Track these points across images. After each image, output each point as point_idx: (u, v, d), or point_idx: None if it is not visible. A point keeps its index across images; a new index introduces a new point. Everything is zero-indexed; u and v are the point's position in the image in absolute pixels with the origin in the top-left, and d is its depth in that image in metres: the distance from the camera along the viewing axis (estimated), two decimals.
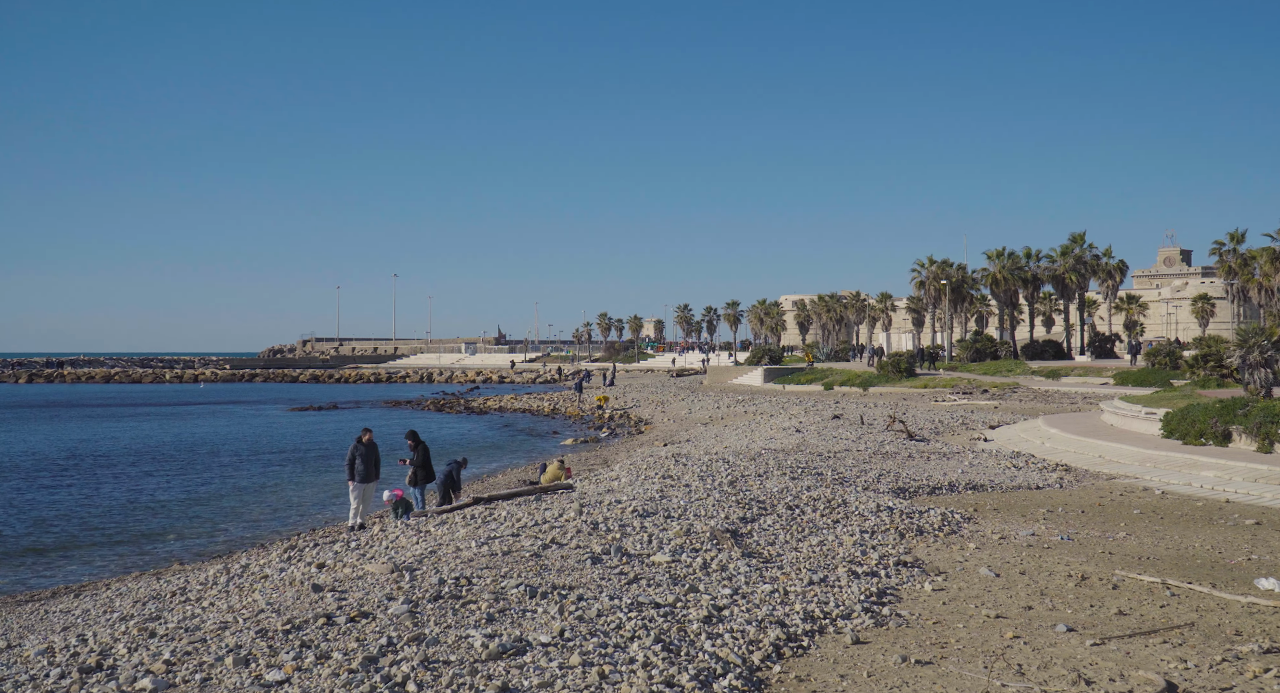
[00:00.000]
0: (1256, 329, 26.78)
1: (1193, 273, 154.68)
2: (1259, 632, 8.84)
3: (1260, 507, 16.35)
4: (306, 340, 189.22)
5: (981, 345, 77.65)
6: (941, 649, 8.43)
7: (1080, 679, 7.58)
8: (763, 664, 7.99)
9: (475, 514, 16.15)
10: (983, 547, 13.07)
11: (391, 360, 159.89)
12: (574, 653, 7.82)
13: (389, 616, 8.89)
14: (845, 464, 22.25)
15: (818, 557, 12.13)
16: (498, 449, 39.59)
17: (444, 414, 61.32)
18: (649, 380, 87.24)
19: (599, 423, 50.63)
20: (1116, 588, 10.62)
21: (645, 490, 17.65)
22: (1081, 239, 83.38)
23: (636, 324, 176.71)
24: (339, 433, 46.19)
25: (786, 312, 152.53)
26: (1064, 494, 18.21)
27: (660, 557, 11.72)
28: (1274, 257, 73.27)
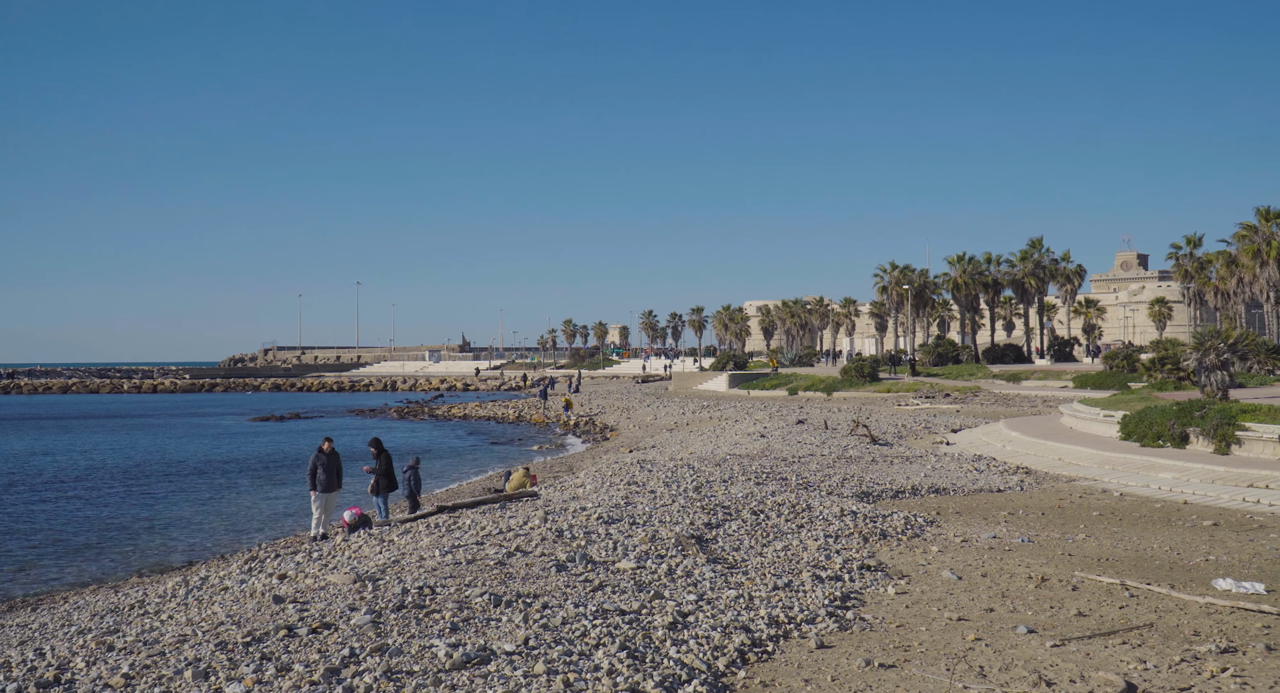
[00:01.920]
0: (1212, 332, 27.22)
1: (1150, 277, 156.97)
2: (1217, 632, 8.97)
3: (1218, 508, 16.60)
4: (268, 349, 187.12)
5: (944, 350, 78.42)
6: (905, 652, 8.48)
7: (1041, 681, 7.66)
8: (728, 670, 8.00)
9: (439, 523, 16.05)
10: (945, 550, 13.17)
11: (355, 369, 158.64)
12: (539, 661, 7.79)
13: (351, 626, 8.81)
14: (809, 469, 22.34)
15: (782, 562, 12.17)
16: (462, 457, 39.38)
17: (408, 422, 60.92)
18: (614, 387, 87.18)
19: (564, 430, 50.52)
20: (1076, 589, 10.74)
21: (610, 497, 17.63)
22: (1040, 244, 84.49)
23: (602, 331, 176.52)
24: (301, 442, 45.75)
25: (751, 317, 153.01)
26: (1025, 497, 18.39)
27: (625, 563, 11.71)
28: (1230, 261, 74.51)
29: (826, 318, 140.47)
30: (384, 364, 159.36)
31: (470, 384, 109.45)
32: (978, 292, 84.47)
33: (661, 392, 73.16)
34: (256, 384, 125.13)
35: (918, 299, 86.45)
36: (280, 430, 55.19)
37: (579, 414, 56.12)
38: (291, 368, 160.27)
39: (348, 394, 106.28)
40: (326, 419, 64.16)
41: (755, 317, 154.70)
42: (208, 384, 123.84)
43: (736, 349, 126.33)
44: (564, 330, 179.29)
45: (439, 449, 42.49)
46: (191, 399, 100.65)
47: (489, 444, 44.85)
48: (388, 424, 58.65)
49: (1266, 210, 65.28)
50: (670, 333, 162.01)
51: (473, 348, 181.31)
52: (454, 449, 42.74)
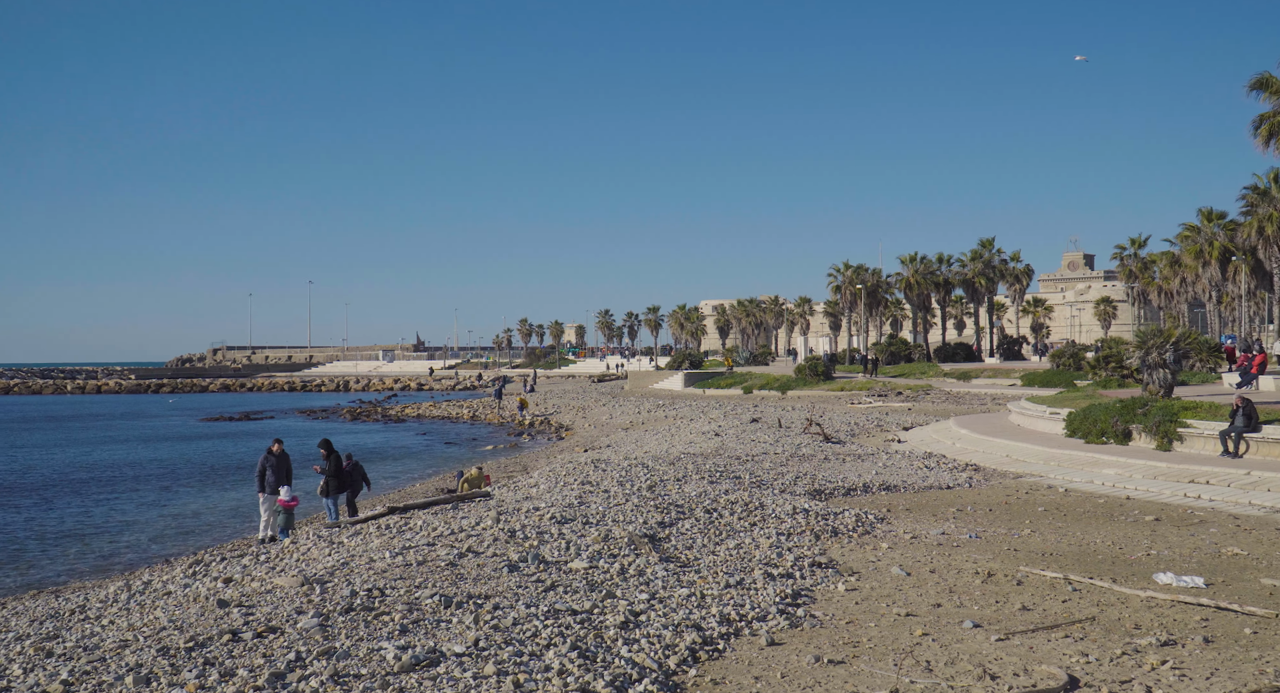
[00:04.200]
0: (1155, 331, 27.75)
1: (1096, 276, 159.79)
2: (1157, 625, 9.15)
3: (1159, 503, 16.93)
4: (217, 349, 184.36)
5: (896, 348, 79.21)
6: (854, 649, 8.56)
7: (985, 674, 7.77)
8: (679, 668, 8.02)
9: (390, 524, 15.93)
10: (895, 546, 13.31)
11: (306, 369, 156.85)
12: (489, 663, 7.75)
13: (298, 630, 8.72)
14: (763, 467, 22.46)
15: (735, 560, 12.22)
16: (415, 457, 39.10)
17: (360, 423, 60.34)
18: (570, 386, 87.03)
19: (519, 429, 50.34)
20: (1021, 584, 10.91)
21: (564, 497, 17.60)
22: (991, 244, 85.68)
23: (558, 330, 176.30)
24: (249, 444, 45.16)
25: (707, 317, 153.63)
26: (973, 493, 18.64)
27: (578, 563, 11.70)
28: (1173, 261, 76.07)
29: (781, 317, 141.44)
30: (336, 364, 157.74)
31: (425, 384, 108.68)
32: (930, 291, 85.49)
33: (617, 391, 73.16)
34: (205, 385, 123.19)
35: (871, 298, 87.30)
36: (229, 431, 54.42)
37: (534, 414, 55.95)
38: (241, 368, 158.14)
39: (299, 395, 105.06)
40: (277, 420, 63.37)
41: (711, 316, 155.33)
42: (154, 385, 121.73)
43: (692, 348, 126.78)
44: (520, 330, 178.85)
45: (392, 450, 42.14)
46: (137, 400, 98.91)
47: (442, 444, 44.57)
48: (340, 425, 58.07)
49: (1209, 211, 66.72)
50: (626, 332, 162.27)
51: (427, 347, 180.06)
52: (407, 450, 42.42)
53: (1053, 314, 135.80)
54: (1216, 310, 77.55)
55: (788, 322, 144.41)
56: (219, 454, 41.48)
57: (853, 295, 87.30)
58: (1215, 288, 69.33)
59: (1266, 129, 30.74)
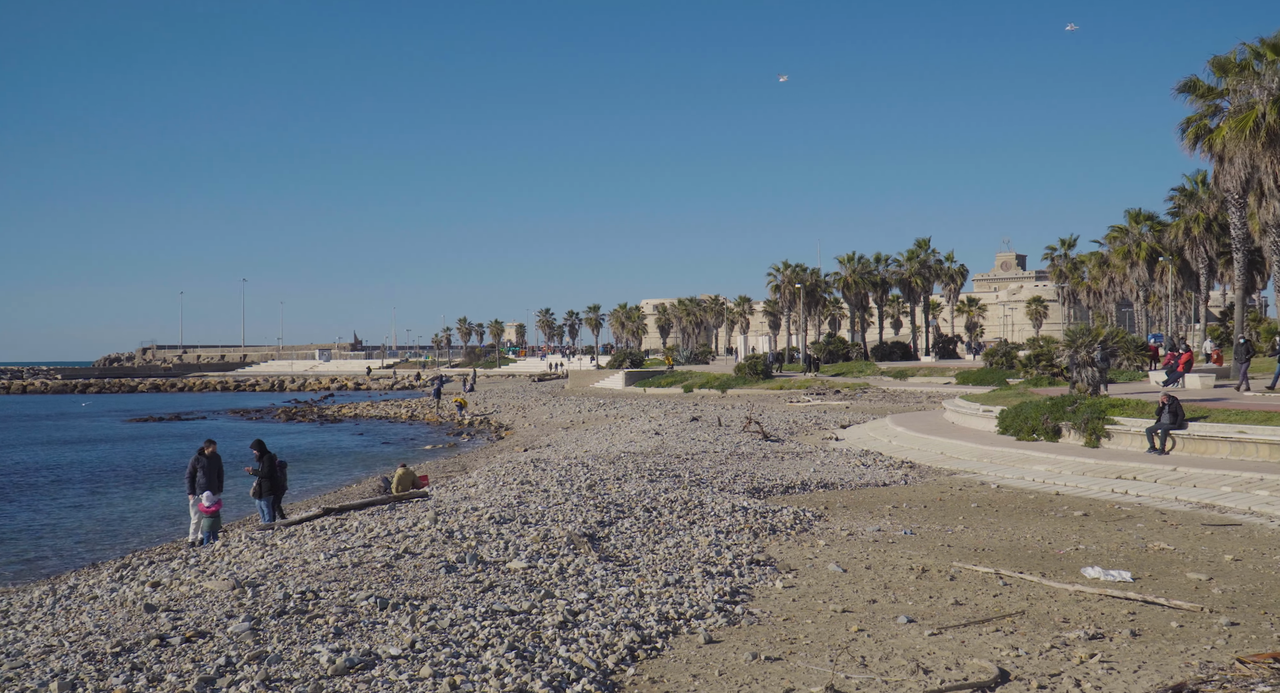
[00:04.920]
0: (1084, 330, 28.39)
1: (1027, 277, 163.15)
2: (1085, 619, 9.34)
3: (1088, 499, 17.32)
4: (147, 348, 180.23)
5: (834, 347, 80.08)
6: (790, 645, 8.62)
7: (919, 669, 7.88)
8: (617, 668, 8.01)
9: (325, 526, 15.70)
10: (832, 543, 13.44)
11: (240, 368, 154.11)
12: (425, 664, 7.68)
13: (228, 634, 8.55)
14: (703, 466, 22.55)
15: (674, 558, 12.24)
16: (352, 458, 38.60)
17: (296, 423, 59.43)
18: (510, 386, 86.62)
19: (458, 429, 49.97)
20: (954, 579, 11.08)
21: (503, 497, 17.51)
22: (926, 244, 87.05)
23: (498, 329, 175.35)
24: (180, 445, 44.23)
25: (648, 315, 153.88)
26: (908, 490, 18.90)
27: (516, 563, 11.64)
28: (1101, 261, 77.90)
29: (722, 316, 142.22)
30: (271, 363, 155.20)
31: (362, 384, 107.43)
32: (867, 290, 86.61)
33: (558, 390, 72.99)
34: (134, 385, 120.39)
35: (810, 298, 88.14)
36: (159, 433, 53.26)
37: (474, 413, 55.58)
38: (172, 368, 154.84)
39: (232, 394, 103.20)
40: (209, 421, 62.18)
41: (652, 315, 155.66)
42: (81, 385, 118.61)
43: (633, 347, 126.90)
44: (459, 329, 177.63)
45: (327, 450, 41.58)
46: (63, 400, 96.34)
47: (380, 445, 44.07)
48: (274, 426, 57.15)
49: (1137, 212, 68.40)
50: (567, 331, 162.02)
51: (365, 347, 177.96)
52: (343, 450, 41.88)
53: (986, 313, 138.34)
54: (1144, 310, 79.61)
55: (728, 321, 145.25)
56: (148, 456, 40.57)
57: (792, 295, 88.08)
58: (1143, 288, 71.13)
59: (1193, 132, 31.56)
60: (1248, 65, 29.03)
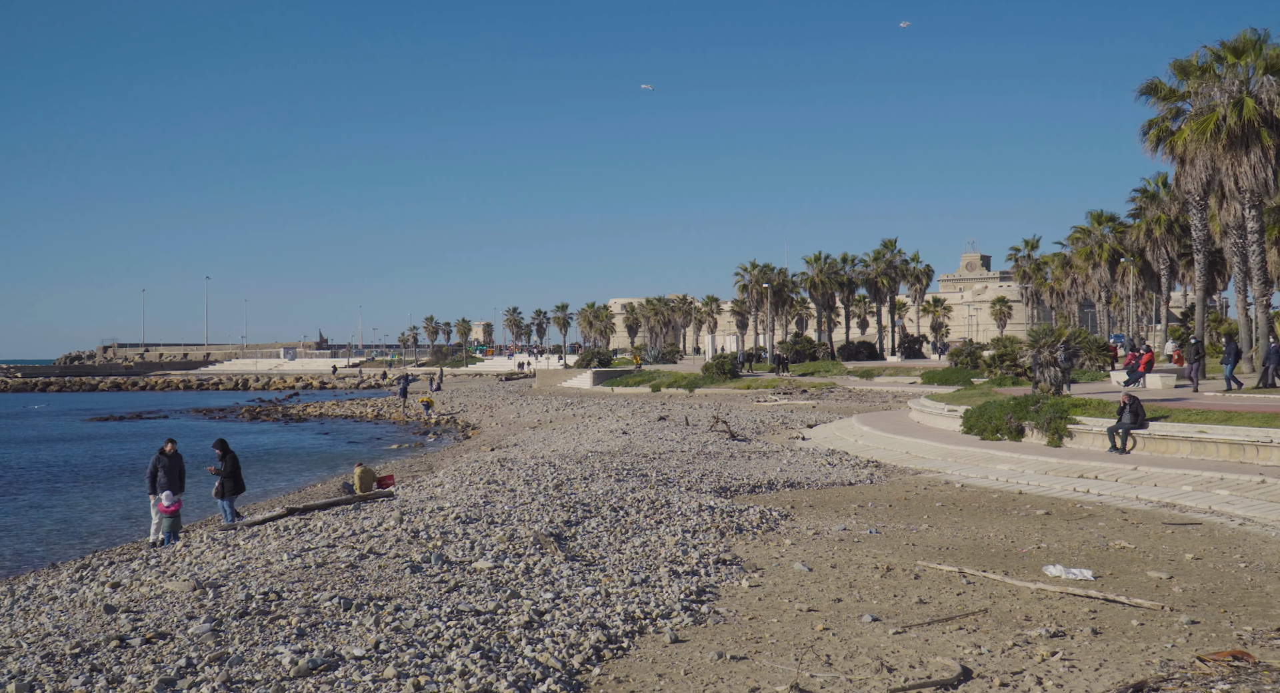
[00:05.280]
0: (1046, 330, 28.68)
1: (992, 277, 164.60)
2: (1047, 617, 9.44)
3: (1050, 498, 17.50)
4: (108, 347, 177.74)
5: (801, 347, 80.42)
6: (756, 644, 8.64)
7: (883, 667, 7.92)
8: (582, 667, 8.00)
9: (289, 526, 15.56)
10: (798, 543, 13.49)
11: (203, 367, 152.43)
12: (389, 665, 7.62)
13: (189, 635, 8.46)
14: (670, 465, 22.57)
15: (640, 557, 12.24)
16: (317, 457, 38.27)
17: (260, 422, 58.83)
18: (477, 385, 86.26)
19: (424, 428, 49.69)
20: (918, 578, 11.16)
21: (469, 496, 17.43)
22: (893, 245, 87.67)
23: (465, 328, 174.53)
24: (141, 444, 43.67)
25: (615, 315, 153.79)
26: (874, 489, 19.01)
27: (482, 563, 11.59)
28: (1064, 262, 78.77)
29: (689, 315, 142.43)
30: (235, 362, 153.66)
31: (328, 383, 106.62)
32: (834, 290, 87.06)
33: (525, 389, 72.79)
34: (95, 383, 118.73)
35: (777, 297, 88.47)
36: (120, 432, 52.55)
37: (440, 413, 55.30)
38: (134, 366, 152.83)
39: (195, 393, 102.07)
40: (171, 420, 61.42)
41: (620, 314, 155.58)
42: (41, 384, 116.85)
43: (601, 346, 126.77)
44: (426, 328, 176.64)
45: (292, 450, 41.21)
46: (23, 399, 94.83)
47: (345, 444, 43.73)
48: (238, 425, 56.56)
49: (1099, 214, 69.21)
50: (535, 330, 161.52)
51: (330, 345, 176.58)
52: (308, 449, 41.52)
53: (951, 313, 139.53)
54: (1106, 310, 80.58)
55: (695, 320, 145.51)
56: (108, 455, 40.01)
57: (759, 294, 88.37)
58: (1105, 288, 71.98)
59: (1155, 134, 31.94)
60: (1209, 68, 29.45)
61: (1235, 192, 28.82)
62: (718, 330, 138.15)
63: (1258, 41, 28.32)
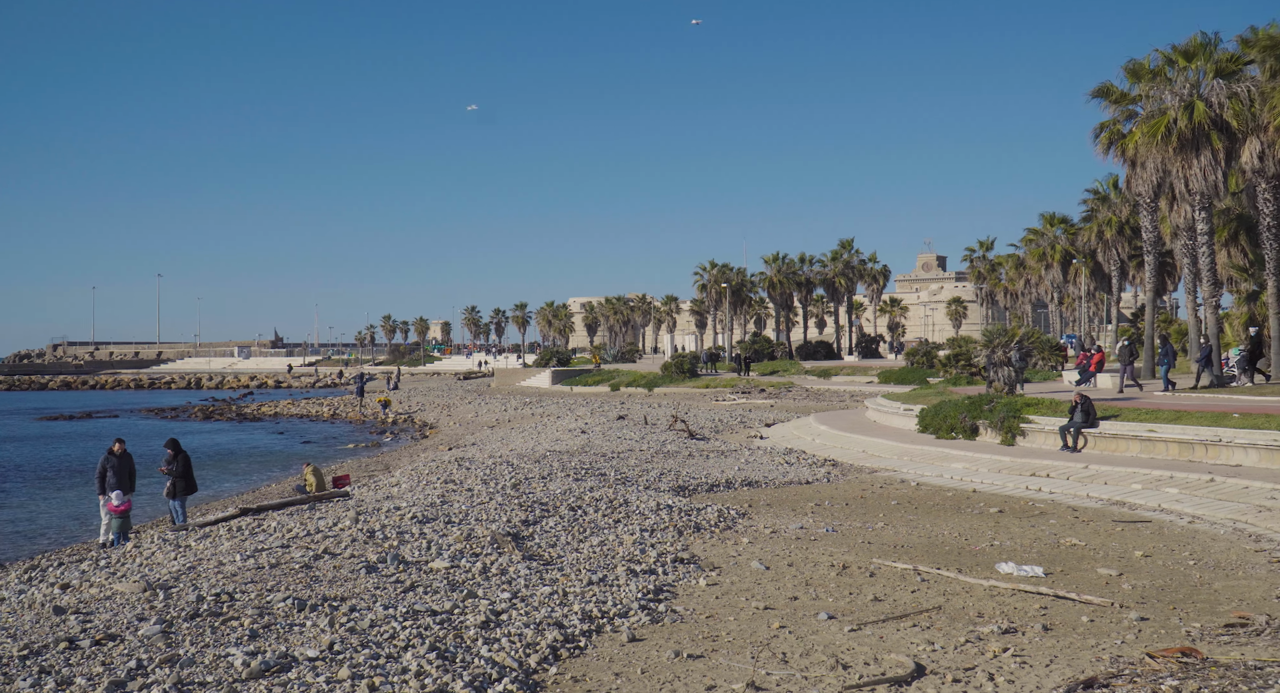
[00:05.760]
0: (1000, 330, 29.05)
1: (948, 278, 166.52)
2: (999, 613, 9.56)
3: (1003, 496, 17.73)
4: (57, 345, 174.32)
5: (760, 346, 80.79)
6: (713, 643, 8.67)
7: (838, 664, 7.98)
8: (539, 667, 7.98)
9: (243, 526, 15.38)
10: (755, 541, 13.55)
11: (155, 365, 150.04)
12: (343, 666, 7.56)
13: (139, 637, 8.34)
14: (628, 464, 22.58)
15: (598, 557, 12.24)
16: (271, 457, 37.84)
17: (213, 422, 58.05)
18: (435, 384, 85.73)
19: (381, 428, 49.32)
20: (874, 576, 11.26)
21: (426, 496, 17.33)
22: (850, 245, 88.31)
23: (423, 326, 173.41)
24: (91, 444, 42.93)
25: (575, 314, 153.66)
26: (831, 488, 19.15)
27: (439, 563, 11.53)
28: (1018, 263, 79.84)
29: (649, 315, 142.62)
30: (188, 360, 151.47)
31: (283, 382, 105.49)
32: (792, 290, 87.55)
33: (484, 389, 72.46)
34: (45, 382, 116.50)
35: (736, 297, 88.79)
36: (70, 432, 51.62)
37: (397, 412, 54.91)
38: (84, 365, 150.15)
39: (147, 392, 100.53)
40: (122, 419, 60.43)
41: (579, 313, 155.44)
42: None
43: (560, 345, 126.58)
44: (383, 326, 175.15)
45: (245, 450, 40.72)
46: None
47: (300, 444, 43.28)
48: (190, 424, 55.79)
49: (1051, 216, 70.19)
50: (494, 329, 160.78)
51: (286, 344, 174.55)
52: (262, 449, 41.05)
53: (908, 314, 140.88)
54: (1058, 311, 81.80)
55: (655, 320, 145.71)
56: (57, 455, 39.28)
57: (718, 294, 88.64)
58: (1057, 289, 73.06)
59: (1106, 137, 32.42)
60: (1161, 71, 29.94)
61: (1186, 194, 29.33)
62: (677, 330, 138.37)
63: (1208, 45, 28.84)
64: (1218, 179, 28.66)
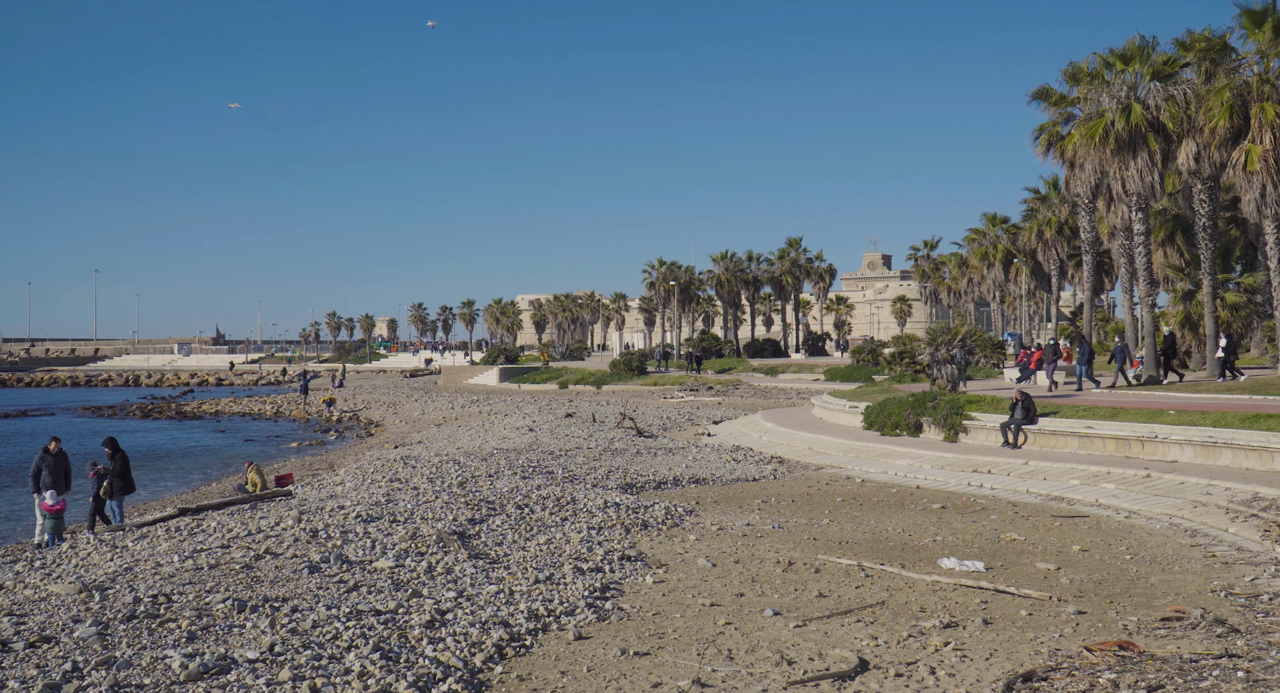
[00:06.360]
0: (944, 329, 29.45)
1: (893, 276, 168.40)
2: (940, 608, 9.69)
3: (946, 492, 17.98)
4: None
5: (708, 344, 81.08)
6: (659, 640, 8.68)
7: (783, 660, 8.04)
8: (485, 666, 7.94)
9: (182, 526, 15.10)
10: (702, 538, 13.60)
11: (93, 362, 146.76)
12: (284, 668, 7.46)
13: (75, 639, 8.17)
14: (576, 462, 22.54)
15: (545, 555, 12.20)
16: (211, 456, 37.19)
17: (152, 420, 56.91)
18: (381, 381, 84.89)
19: (326, 426, 48.70)
20: (819, 572, 11.35)
21: (371, 495, 17.16)
22: (798, 244, 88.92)
23: (368, 323, 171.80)
24: (24, 443, 41.88)
25: (523, 311, 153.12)
26: (777, 485, 19.27)
27: (383, 562, 11.42)
28: (961, 262, 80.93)
29: (598, 312, 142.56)
30: (126, 357, 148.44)
31: (225, 379, 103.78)
32: (740, 288, 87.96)
33: (431, 386, 71.92)
34: None
35: (684, 295, 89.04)
36: (4, 430, 50.26)
37: (342, 410, 54.28)
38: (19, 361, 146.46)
39: (84, 390, 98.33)
40: (57, 417, 59.02)
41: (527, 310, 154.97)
42: None
43: (508, 343, 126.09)
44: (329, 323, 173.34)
45: (185, 449, 39.99)
46: None
47: (242, 442, 42.58)
48: (129, 423, 54.64)
49: (993, 216, 71.27)
50: (441, 326, 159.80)
51: (228, 341, 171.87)
52: (202, 448, 40.34)
53: (854, 312, 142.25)
54: (1000, 309, 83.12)
55: (604, 317, 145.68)
56: None
57: (666, 292, 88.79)
58: (999, 288, 74.19)
59: (1046, 138, 33.01)
60: (1098, 74, 30.49)
61: (1123, 195, 29.89)
62: (626, 327, 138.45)
63: (1145, 48, 29.43)
64: (1154, 180, 29.27)
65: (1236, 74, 27.99)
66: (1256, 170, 26.67)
